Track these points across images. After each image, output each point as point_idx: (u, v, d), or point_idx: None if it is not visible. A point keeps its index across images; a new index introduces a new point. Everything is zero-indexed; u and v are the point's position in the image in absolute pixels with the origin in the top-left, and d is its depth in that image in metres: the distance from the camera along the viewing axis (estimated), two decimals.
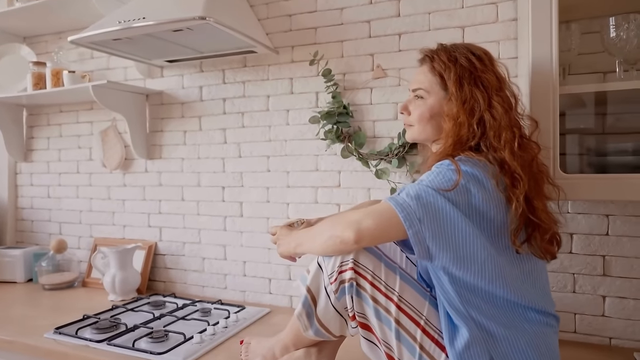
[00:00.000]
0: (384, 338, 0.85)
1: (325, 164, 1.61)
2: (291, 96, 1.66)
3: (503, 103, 0.87)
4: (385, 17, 1.51)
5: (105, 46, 1.54)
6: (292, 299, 1.68)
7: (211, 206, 1.80)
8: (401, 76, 1.50)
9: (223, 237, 1.79)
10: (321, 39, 1.60)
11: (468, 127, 0.87)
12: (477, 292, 0.83)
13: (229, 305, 1.64)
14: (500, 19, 1.38)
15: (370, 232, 0.81)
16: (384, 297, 0.84)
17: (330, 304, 0.88)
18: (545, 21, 1.04)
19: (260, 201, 1.72)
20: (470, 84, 0.88)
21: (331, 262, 0.88)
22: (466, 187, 0.80)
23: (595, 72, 1.25)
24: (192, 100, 1.83)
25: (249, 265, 1.75)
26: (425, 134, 0.98)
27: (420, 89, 0.97)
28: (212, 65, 1.78)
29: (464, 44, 0.97)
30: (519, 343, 0.82)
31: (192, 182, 1.84)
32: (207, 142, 1.80)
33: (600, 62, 1.24)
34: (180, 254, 1.87)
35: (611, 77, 1.24)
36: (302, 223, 1.14)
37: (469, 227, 0.80)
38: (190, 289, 1.86)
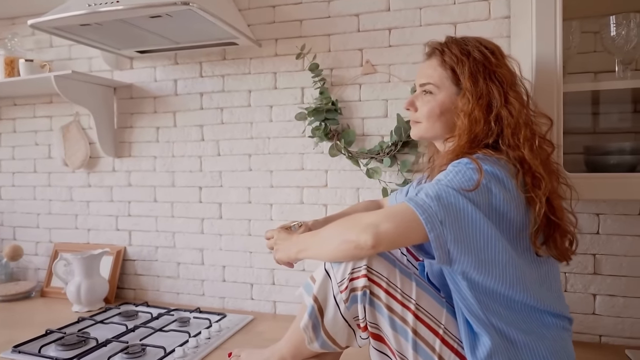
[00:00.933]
0: (399, 349, 0.79)
1: (312, 162, 1.54)
2: (275, 91, 1.57)
3: (519, 99, 0.84)
4: (375, 11, 1.46)
5: (71, 32, 1.40)
6: (275, 305, 1.60)
7: (187, 208, 1.69)
8: (391, 72, 1.45)
9: (200, 241, 1.68)
10: (307, 32, 1.53)
11: (484, 124, 0.83)
12: (496, 298, 0.79)
13: (208, 313, 1.53)
14: (492, 16, 1.36)
15: (389, 236, 0.74)
16: (400, 305, 0.78)
17: (339, 314, 0.81)
18: (550, 19, 1.02)
19: (241, 202, 1.62)
20: (485, 79, 0.84)
21: (341, 268, 0.81)
22: (487, 186, 0.76)
23: (587, 72, 1.26)
24: (165, 94, 1.70)
25: (228, 270, 1.65)
26: (434, 131, 0.93)
27: (429, 83, 0.92)
28: (189, 57, 1.67)
29: (473, 37, 0.93)
30: (540, 350, 0.79)
31: (165, 182, 1.71)
32: (182, 139, 1.69)
33: (592, 62, 1.25)
34: (152, 259, 1.74)
35: (603, 76, 1.25)
36: (301, 226, 1.07)
37: (490, 229, 0.76)
38: (164, 296, 1.73)
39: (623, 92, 1.12)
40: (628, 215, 1.27)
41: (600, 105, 1.25)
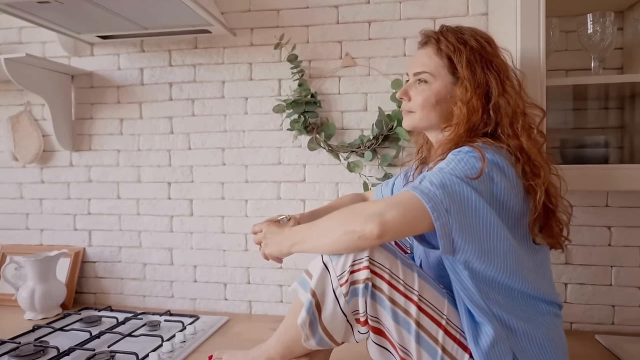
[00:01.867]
0: (401, 342, 0.77)
1: (289, 157, 1.49)
2: (250, 83, 1.51)
3: (515, 88, 0.84)
4: (355, 3, 1.44)
5: (26, 11, 1.26)
6: (251, 305, 1.54)
7: (154, 205, 1.59)
8: (371, 65, 1.44)
9: (169, 240, 1.58)
10: (284, 22, 1.48)
11: (482, 112, 0.83)
12: (495, 286, 0.79)
13: (179, 315, 1.45)
14: (470, 12, 1.38)
15: (395, 225, 0.72)
16: (403, 297, 0.76)
17: (339, 308, 0.78)
18: (534, 16, 1.04)
19: (214, 198, 1.55)
20: (483, 68, 0.84)
21: (340, 261, 0.78)
22: (489, 175, 0.75)
23: (559, 69, 1.31)
24: (130, 83, 1.59)
25: (200, 269, 1.57)
26: (429, 120, 0.92)
27: (424, 72, 0.91)
28: (156, 44, 1.57)
29: (467, 27, 0.92)
30: (537, 336, 0.79)
31: (130, 177, 1.60)
32: (149, 131, 1.58)
33: (565, 60, 1.30)
34: (115, 260, 1.62)
35: (574, 74, 1.30)
36: (289, 219, 1.02)
37: (493, 217, 0.75)
38: (128, 300, 1.62)
39: (597, 88, 1.17)
40: (596, 207, 1.33)
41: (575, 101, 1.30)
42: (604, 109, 1.30)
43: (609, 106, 1.30)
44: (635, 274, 1.31)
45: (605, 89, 1.18)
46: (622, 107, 1.29)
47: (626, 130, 1.28)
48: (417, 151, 1.08)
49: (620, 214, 1.31)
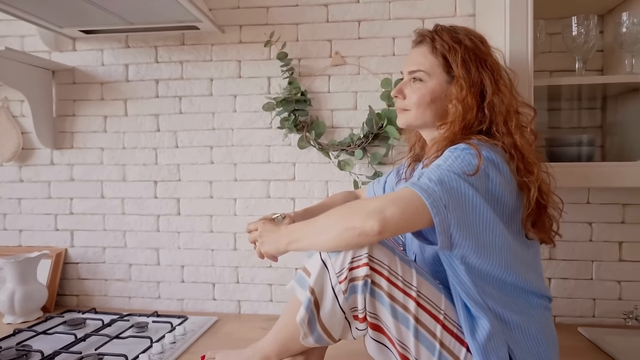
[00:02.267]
0: (399, 338, 0.78)
1: (279, 155, 1.49)
2: (239, 80, 1.50)
3: (508, 87, 0.86)
4: (345, 2, 1.45)
5: (5, 2, 1.22)
6: (240, 304, 1.52)
7: (140, 204, 1.55)
8: (361, 64, 1.45)
9: (155, 239, 1.55)
10: (274, 19, 1.48)
11: (477, 110, 0.84)
12: (490, 281, 0.81)
13: (167, 316, 1.42)
14: (458, 13, 1.40)
15: (395, 221, 0.73)
16: (402, 293, 0.77)
17: (337, 305, 0.78)
18: (522, 18, 1.07)
19: (202, 197, 1.53)
20: (477, 67, 0.86)
21: (339, 258, 0.78)
22: (485, 171, 0.77)
23: (543, 70, 1.35)
24: (115, 80, 1.55)
25: (188, 269, 1.54)
26: (424, 118, 0.93)
27: (420, 70, 0.92)
28: (142, 40, 1.54)
29: (460, 26, 0.94)
30: (530, 329, 0.82)
31: (115, 176, 1.56)
32: (134, 129, 1.55)
33: (548, 61, 1.34)
34: (99, 261, 1.58)
35: (557, 75, 1.34)
36: (284, 217, 1.02)
37: (489, 213, 0.77)
38: (113, 301, 1.58)
39: (580, 88, 1.21)
40: (578, 204, 1.37)
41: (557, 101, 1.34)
42: (586, 109, 1.34)
43: (590, 106, 1.34)
44: (614, 268, 1.36)
45: (588, 89, 1.22)
46: (603, 107, 1.34)
47: (606, 129, 1.33)
48: (409, 148, 1.09)
49: (601, 210, 1.36)
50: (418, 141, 1.07)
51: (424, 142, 1.05)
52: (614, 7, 1.26)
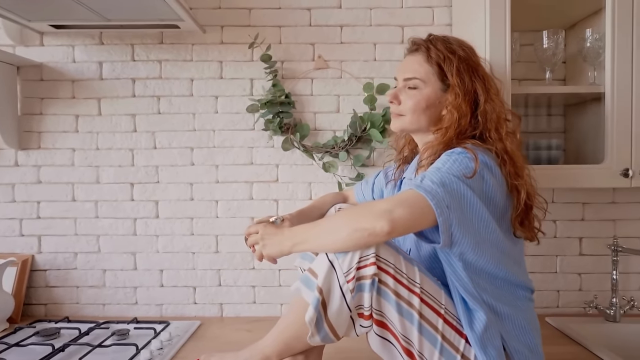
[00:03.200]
0: (404, 333, 0.81)
1: (262, 157, 1.49)
2: (221, 81, 1.49)
3: (498, 95, 0.93)
4: (327, 7, 1.48)
5: None
6: (222, 307, 1.51)
7: (116, 207, 1.50)
8: (343, 68, 1.48)
9: (132, 243, 1.50)
10: (256, 21, 1.48)
11: (471, 117, 0.90)
12: (483, 276, 0.86)
13: (148, 322, 1.38)
14: (436, 22, 1.47)
15: (404, 221, 0.76)
16: (406, 290, 0.81)
17: (345, 304, 0.81)
18: (501, 30, 1.14)
19: (182, 199, 1.50)
20: (470, 76, 0.91)
21: (347, 259, 0.80)
22: (481, 174, 0.82)
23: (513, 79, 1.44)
24: (87, 77, 1.49)
25: (167, 273, 1.51)
26: (418, 123, 0.98)
27: (415, 78, 0.96)
28: (117, 37, 1.49)
29: (452, 37, 0.99)
30: (519, 319, 0.88)
31: (88, 178, 1.50)
32: (109, 129, 1.49)
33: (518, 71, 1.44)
34: (70, 268, 1.51)
35: (526, 83, 1.44)
36: (283, 220, 1.03)
37: (485, 212, 0.83)
38: (85, 309, 1.51)
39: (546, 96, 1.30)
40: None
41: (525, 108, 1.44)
42: (551, 115, 1.46)
43: (555, 113, 1.46)
44: (575, 262, 1.48)
45: (554, 97, 1.32)
46: (565, 114, 1.46)
47: (568, 134, 1.45)
48: (399, 151, 1.14)
49: (564, 209, 1.48)
50: (407, 144, 1.12)
51: (414, 145, 1.10)
52: (575, 23, 1.38)
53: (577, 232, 1.48)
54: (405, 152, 1.12)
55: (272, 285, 1.50)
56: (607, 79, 1.16)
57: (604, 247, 1.46)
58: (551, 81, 1.29)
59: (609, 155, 1.17)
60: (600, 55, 1.20)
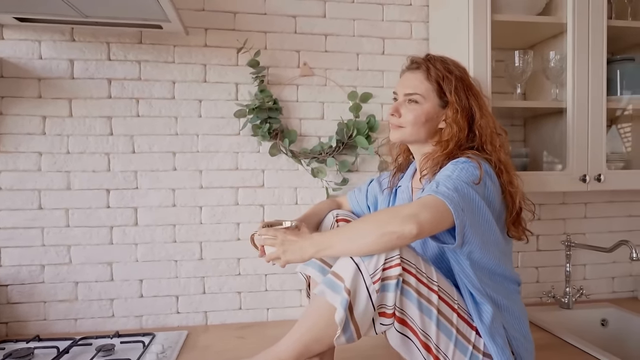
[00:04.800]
0: (423, 328, 0.87)
1: (247, 162, 1.49)
2: (205, 85, 1.46)
3: (489, 111, 1.03)
4: (312, 16, 1.51)
5: None
6: (207, 315, 1.48)
7: (90, 214, 1.41)
8: (327, 76, 1.52)
9: (108, 253, 1.42)
10: (242, 26, 1.47)
11: (468, 131, 0.99)
12: (486, 272, 0.96)
13: (132, 335, 1.32)
14: (414, 36, 1.57)
15: (429, 224, 0.82)
16: (426, 288, 0.87)
17: (371, 304, 0.85)
18: (483, 49, 1.26)
19: (164, 205, 1.45)
20: (466, 94, 1.01)
21: (373, 261, 0.85)
22: (484, 180, 0.91)
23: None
24: (57, 76, 1.39)
25: (147, 283, 1.45)
26: (417, 135, 1.05)
27: (416, 94, 1.03)
28: (91, 34, 1.40)
29: (448, 57, 1.08)
30: (514, 310, 0.99)
31: (57, 184, 1.39)
32: (82, 132, 1.40)
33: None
34: (36, 282, 1.39)
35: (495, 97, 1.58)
36: (296, 226, 1.04)
37: (489, 215, 0.92)
38: (54, 326, 1.40)
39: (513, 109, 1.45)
40: None
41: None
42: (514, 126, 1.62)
43: (517, 124, 1.62)
44: (533, 257, 1.66)
45: (519, 110, 1.47)
46: (525, 125, 1.62)
47: (528, 143, 1.62)
48: (394, 159, 1.21)
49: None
50: (402, 153, 1.19)
51: (408, 154, 1.18)
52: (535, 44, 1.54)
53: (535, 230, 1.65)
54: (399, 160, 1.20)
55: (259, 291, 1.50)
56: (568, 96, 1.32)
57: (558, 243, 1.64)
58: (519, 96, 1.44)
59: (570, 163, 1.33)
60: (561, 74, 1.36)
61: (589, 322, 1.53)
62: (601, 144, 1.33)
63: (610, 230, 1.68)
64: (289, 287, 1.51)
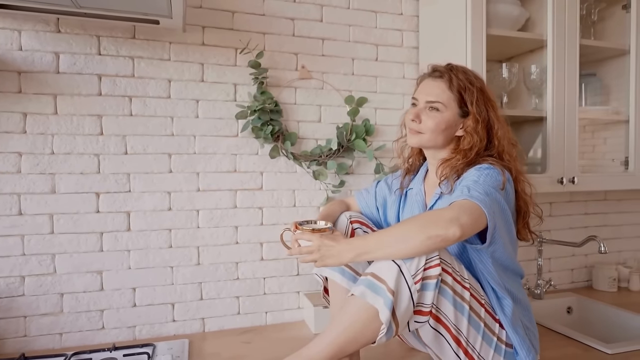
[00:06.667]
0: (455, 324, 0.93)
1: (246, 164, 1.46)
2: (202, 84, 1.42)
3: (505, 122, 1.11)
4: (310, 19, 1.52)
5: None
6: (204, 322, 1.43)
7: (77, 220, 1.31)
8: (325, 80, 1.54)
9: (98, 261, 1.33)
10: (240, 25, 1.45)
11: (487, 141, 1.06)
12: (502, 268, 1.03)
13: (131, 347, 1.25)
14: (405, 45, 1.64)
15: (469, 226, 0.87)
16: (460, 286, 0.92)
17: (412, 304, 0.88)
18: (479, 60, 1.35)
19: (159, 209, 1.38)
20: (485, 105, 1.07)
21: (414, 262, 0.88)
22: (505, 186, 0.99)
23: None
24: (39, 70, 1.27)
25: (141, 292, 1.37)
26: (435, 141, 1.11)
27: (438, 102, 1.08)
28: (80, 26, 1.30)
29: (469, 68, 1.13)
30: (525, 302, 1.08)
31: (39, 187, 1.28)
32: (69, 131, 1.30)
33: None
34: (15, 295, 1.27)
35: None
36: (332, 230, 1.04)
37: (510, 217, 0.99)
38: (36, 342, 1.28)
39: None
40: None
41: None
42: None
43: None
44: None
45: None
46: None
47: None
48: (405, 160, 1.26)
49: None
50: (415, 155, 1.24)
51: (420, 158, 1.24)
52: (510, 57, 1.68)
53: None
54: (410, 161, 1.25)
55: (257, 295, 1.48)
56: (548, 106, 1.46)
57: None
58: (504, 105, 1.55)
59: (549, 167, 1.47)
60: (541, 85, 1.50)
61: (557, 310, 1.69)
62: (575, 149, 1.49)
63: (570, 227, 1.87)
64: (287, 289, 1.51)
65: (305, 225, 1.04)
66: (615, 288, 1.83)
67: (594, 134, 1.73)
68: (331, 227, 1.03)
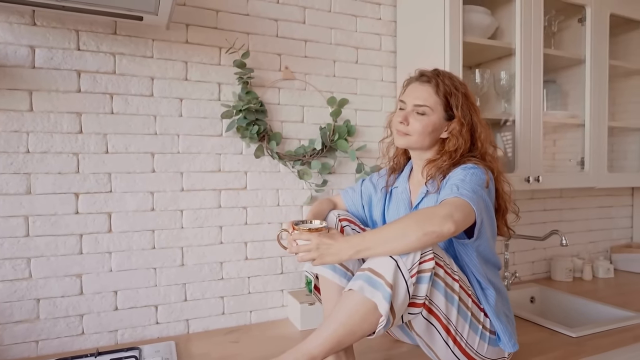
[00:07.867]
0: (446, 314, 0.98)
1: (230, 164, 1.46)
2: (186, 83, 1.40)
3: (486, 125, 1.18)
4: (292, 21, 1.54)
5: None
6: (189, 323, 1.42)
7: (55, 222, 1.26)
8: (307, 81, 1.57)
9: (77, 264, 1.28)
10: (224, 25, 1.44)
11: (471, 142, 1.13)
12: (485, 261, 1.11)
13: (115, 352, 1.21)
14: (382, 49, 1.69)
15: (461, 222, 0.93)
16: (451, 279, 0.98)
17: (408, 297, 0.93)
18: (457, 66, 1.43)
19: (142, 210, 1.35)
20: (469, 108, 1.14)
21: (410, 257, 0.93)
22: (489, 184, 1.07)
23: None
24: (13, 64, 1.21)
25: (123, 295, 1.34)
26: (422, 143, 1.16)
27: (425, 106, 1.14)
28: (57, 20, 1.25)
29: (454, 74, 1.19)
30: (504, 293, 1.15)
31: (13, 188, 1.21)
32: (45, 129, 1.24)
33: None
34: None
35: None
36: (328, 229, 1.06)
37: (493, 214, 1.07)
38: (10, 351, 1.22)
39: None
40: None
41: None
42: None
43: None
44: None
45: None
46: None
47: None
48: (390, 159, 1.31)
49: None
50: (399, 155, 1.30)
51: (405, 158, 1.29)
52: (480, 64, 1.78)
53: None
54: (395, 160, 1.30)
55: (242, 294, 1.48)
56: (516, 109, 1.57)
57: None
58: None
59: (518, 166, 1.58)
60: (509, 90, 1.60)
61: (521, 300, 1.82)
62: (539, 150, 1.61)
63: (531, 223, 2.01)
64: (271, 288, 1.52)
65: (301, 225, 1.07)
66: (571, 278, 1.99)
67: (553, 135, 1.87)
68: (327, 225, 1.06)
